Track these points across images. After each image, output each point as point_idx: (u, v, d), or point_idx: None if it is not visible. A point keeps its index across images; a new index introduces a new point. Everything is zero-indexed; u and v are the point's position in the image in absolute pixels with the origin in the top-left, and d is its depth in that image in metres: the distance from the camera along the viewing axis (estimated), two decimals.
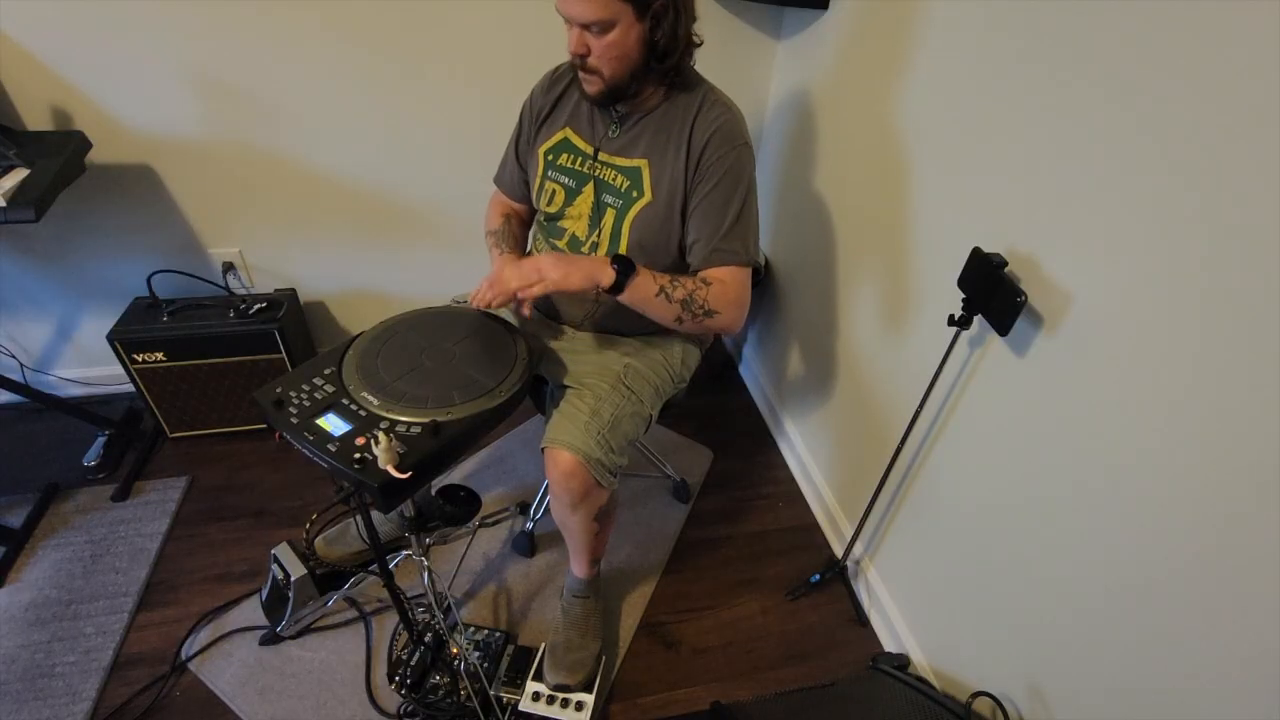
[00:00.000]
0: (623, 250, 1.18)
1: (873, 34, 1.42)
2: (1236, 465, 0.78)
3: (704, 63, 1.14)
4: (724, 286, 1.14)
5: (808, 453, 1.87)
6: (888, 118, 1.37)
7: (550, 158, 1.22)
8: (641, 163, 1.14)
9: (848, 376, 1.63)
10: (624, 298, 1.08)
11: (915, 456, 1.37)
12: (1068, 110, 0.95)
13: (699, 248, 1.16)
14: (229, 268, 1.84)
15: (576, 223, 1.21)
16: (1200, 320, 0.80)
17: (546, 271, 1.05)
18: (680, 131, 1.12)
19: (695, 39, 1.09)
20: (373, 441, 0.90)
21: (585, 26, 0.99)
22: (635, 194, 1.15)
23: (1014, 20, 1.04)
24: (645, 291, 1.09)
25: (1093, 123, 0.92)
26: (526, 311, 1.11)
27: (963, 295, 1.12)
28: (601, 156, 1.16)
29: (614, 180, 1.16)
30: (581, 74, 1.07)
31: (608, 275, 1.05)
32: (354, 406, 1.01)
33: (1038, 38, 1.00)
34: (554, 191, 1.22)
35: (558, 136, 1.20)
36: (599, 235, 1.19)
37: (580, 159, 1.19)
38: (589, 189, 1.18)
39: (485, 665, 1.33)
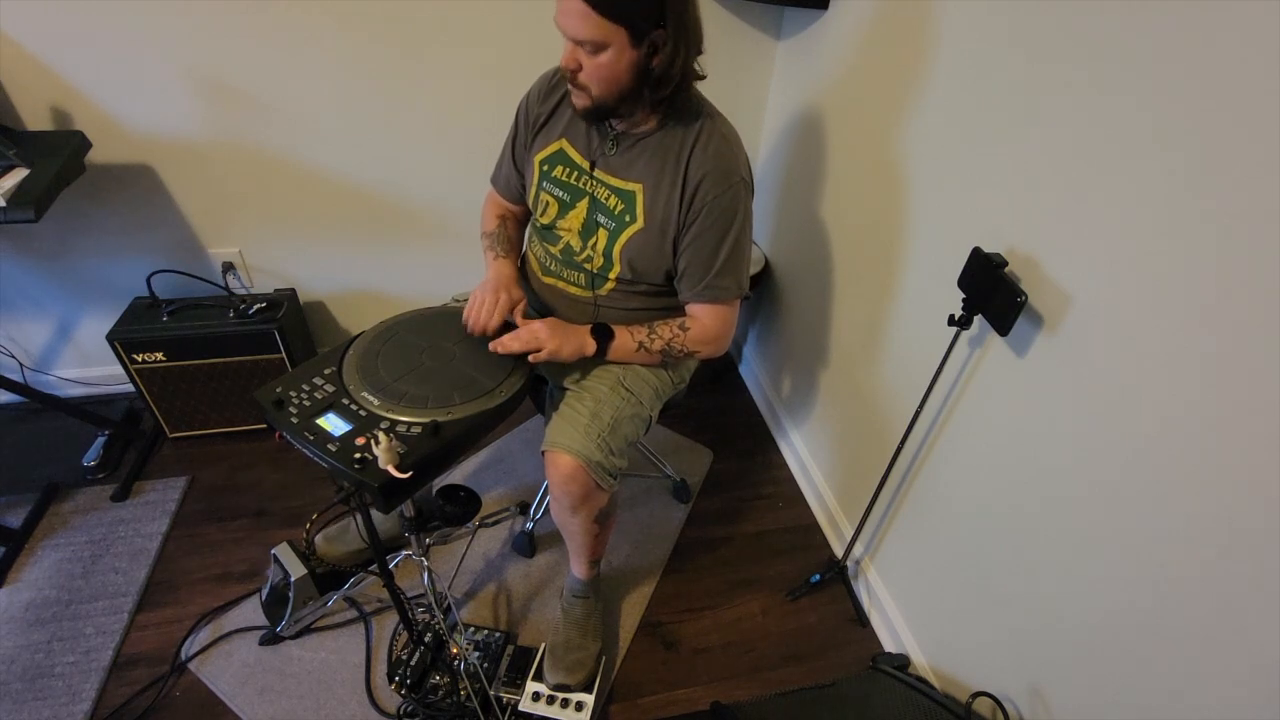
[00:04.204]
0: (614, 269, 1.19)
1: (873, 34, 1.42)
2: (1237, 465, 0.78)
3: (705, 62, 1.13)
4: (703, 327, 1.21)
5: (808, 453, 1.87)
6: (888, 117, 1.37)
7: (545, 168, 1.21)
8: (636, 187, 1.13)
9: (847, 376, 1.63)
10: (608, 358, 1.21)
11: (915, 456, 1.37)
12: (1069, 110, 0.95)
13: (690, 283, 1.17)
14: (229, 268, 1.84)
15: (570, 234, 1.21)
16: (1201, 320, 0.80)
17: (544, 340, 1.13)
18: (677, 161, 1.11)
19: (697, 71, 1.08)
20: (373, 441, 0.91)
21: (579, 43, 0.99)
22: (628, 218, 1.15)
23: (1014, 20, 1.04)
24: (625, 350, 1.21)
25: (1094, 123, 0.92)
26: (519, 318, 1.19)
27: (963, 295, 1.12)
28: (597, 173, 1.16)
29: (607, 200, 1.16)
30: (571, 87, 1.06)
31: (590, 346, 1.18)
32: (354, 406, 1.01)
33: (1039, 37, 1.00)
34: (548, 203, 1.21)
35: (554, 147, 1.20)
36: (592, 249, 1.19)
37: (576, 173, 1.18)
38: (583, 205, 1.18)
39: (485, 665, 1.33)
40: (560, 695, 1.28)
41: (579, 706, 1.27)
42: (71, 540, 1.57)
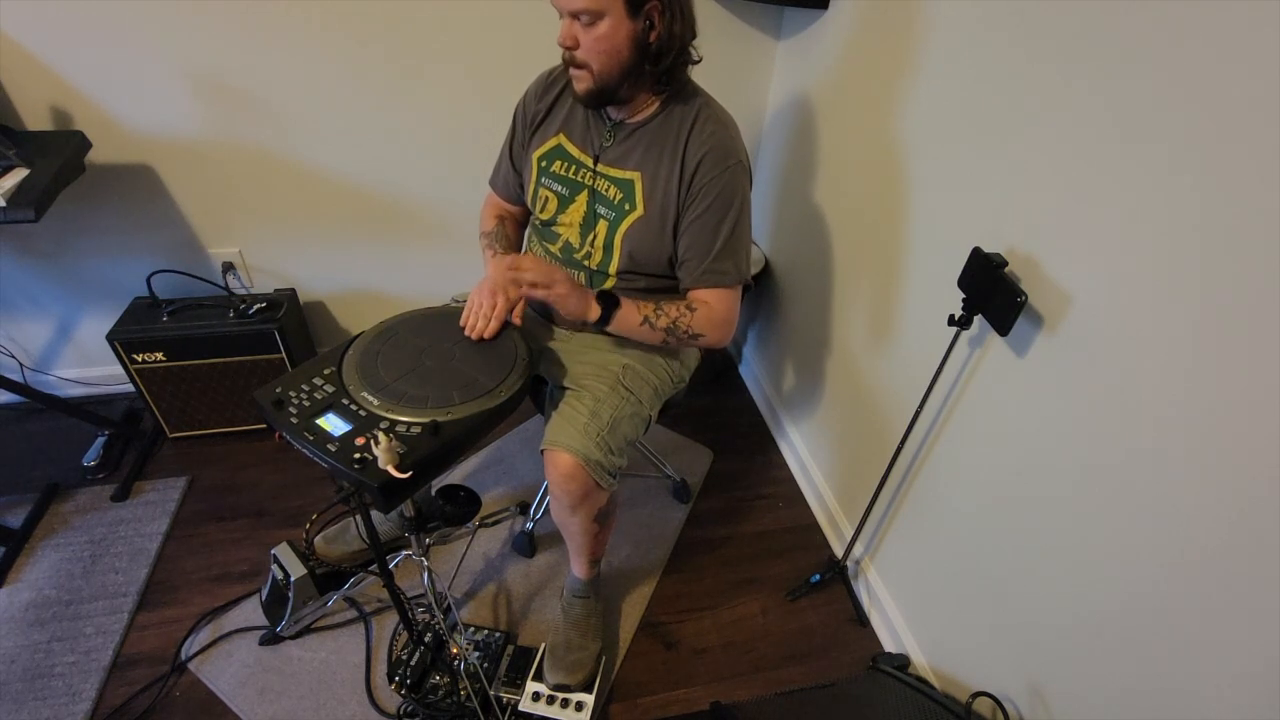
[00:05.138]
0: (615, 261, 1.19)
1: (873, 34, 1.42)
2: (1236, 465, 0.78)
3: (704, 61, 1.13)
4: (710, 310, 1.19)
5: (808, 453, 1.87)
6: (888, 117, 1.37)
7: (544, 164, 1.21)
8: (635, 175, 1.14)
9: (848, 376, 1.63)
10: (610, 329, 1.15)
11: (915, 456, 1.37)
12: (1069, 110, 0.95)
13: (690, 268, 1.17)
14: (229, 268, 1.84)
15: (569, 230, 1.21)
16: (1200, 320, 0.80)
17: (559, 282, 1.09)
18: (674, 147, 1.11)
19: (693, 53, 1.08)
20: (373, 441, 0.90)
21: (575, 16, 0.99)
22: (628, 207, 1.15)
23: (1014, 20, 1.04)
24: (630, 322, 1.15)
25: (1094, 123, 0.92)
26: (517, 319, 1.16)
27: (963, 295, 1.12)
28: (599, 166, 1.16)
29: (607, 191, 1.16)
30: (572, 70, 1.07)
31: (594, 310, 1.13)
32: (354, 406, 1.01)
33: (1039, 37, 1.00)
34: (547, 199, 1.21)
35: (552, 143, 1.20)
36: (592, 244, 1.19)
37: (574, 167, 1.18)
38: (582, 198, 1.18)
39: (485, 665, 1.33)
40: (560, 695, 1.28)
41: (579, 706, 1.27)
42: (71, 540, 1.57)
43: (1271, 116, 0.71)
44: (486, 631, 1.40)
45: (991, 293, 1.05)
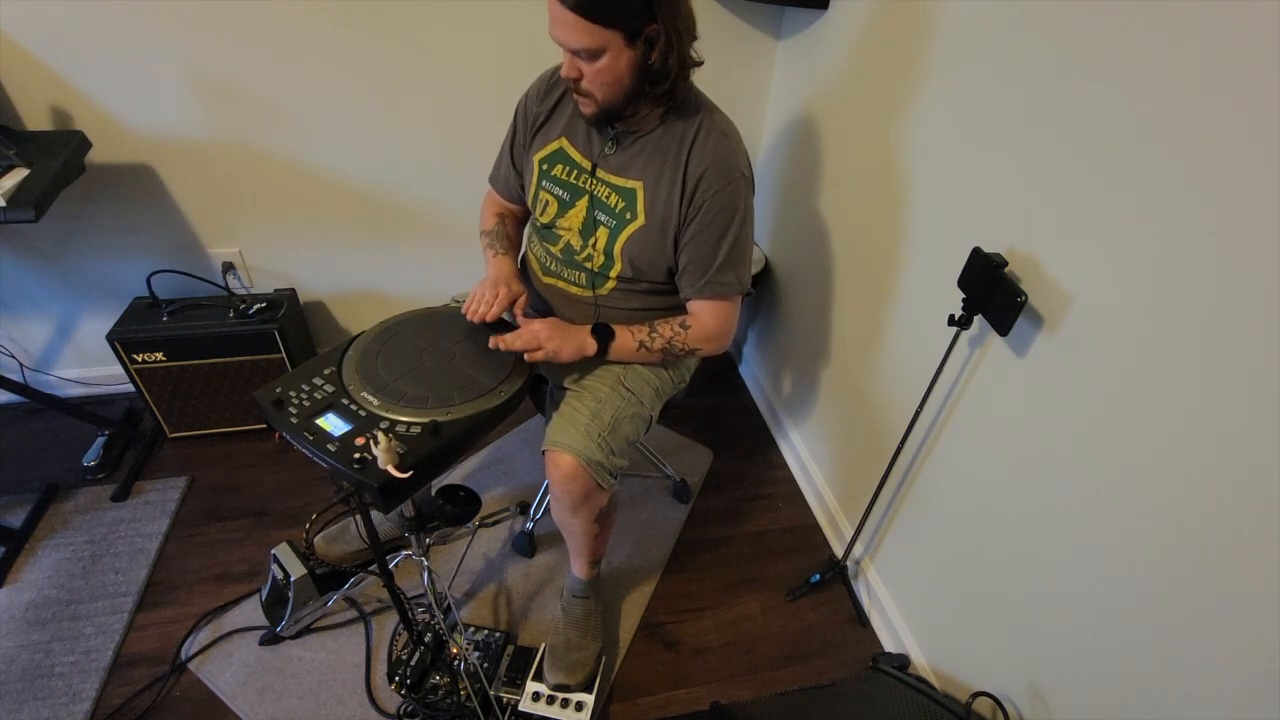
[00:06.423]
0: (616, 267, 1.19)
1: (873, 34, 1.42)
2: (1237, 465, 0.78)
3: (705, 62, 1.13)
4: (704, 324, 1.21)
5: (808, 453, 1.87)
6: (888, 117, 1.37)
7: (545, 167, 1.21)
8: (636, 184, 1.14)
9: (848, 376, 1.63)
10: (609, 359, 1.21)
11: (915, 456, 1.37)
12: (1069, 110, 0.95)
13: (691, 279, 1.17)
14: (229, 268, 1.84)
15: (570, 233, 1.21)
16: (1201, 320, 0.80)
17: (544, 341, 1.13)
18: (677, 158, 1.11)
19: (694, 58, 1.08)
20: (372, 441, 0.91)
21: (575, 52, 0.99)
22: (629, 216, 1.15)
23: (1015, 20, 1.04)
24: (626, 350, 1.20)
25: (1094, 123, 0.92)
26: (518, 314, 1.18)
27: (963, 295, 1.12)
28: (599, 173, 1.16)
29: (608, 199, 1.16)
30: (576, 96, 1.07)
31: (591, 345, 1.18)
32: (354, 406, 1.01)
33: (1039, 37, 1.00)
34: (547, 202, 1.22)
35: (553, 146, 1.20)
36: (594, 247, 1.19)
37: (575, 171, 1.18)
38: (582, 203, 1.18)
39: (485, 665, 1.33)
40: (560, 695, 1.28)
41: (579, 706, 1.27)
42: (71, 540, 1.57)
43: (1272, 117, 0.71)
44: (486, 631, 1.40)
45: (991, 293, 1.05)
